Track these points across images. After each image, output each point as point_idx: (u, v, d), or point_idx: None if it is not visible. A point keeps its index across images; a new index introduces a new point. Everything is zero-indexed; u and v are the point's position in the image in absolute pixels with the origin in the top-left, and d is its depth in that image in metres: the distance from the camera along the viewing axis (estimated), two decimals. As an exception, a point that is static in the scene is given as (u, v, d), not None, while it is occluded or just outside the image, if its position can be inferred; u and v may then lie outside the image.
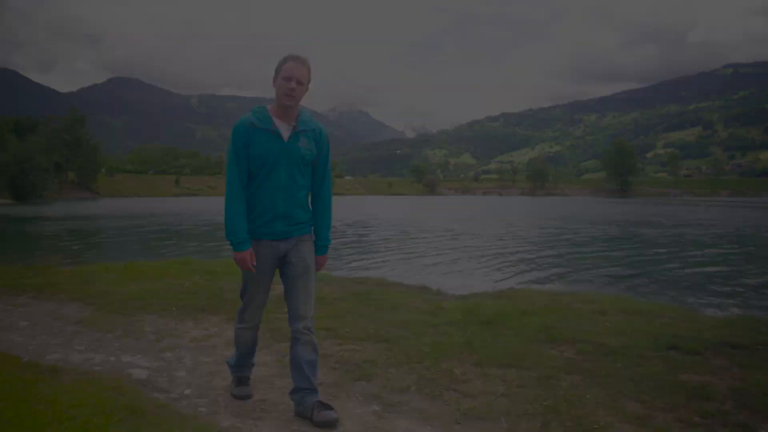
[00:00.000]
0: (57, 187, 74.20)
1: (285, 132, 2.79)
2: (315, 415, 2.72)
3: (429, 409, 2.94)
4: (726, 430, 2.73)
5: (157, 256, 11.34)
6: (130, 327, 4.52)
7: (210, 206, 47.62)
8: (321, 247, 2.99)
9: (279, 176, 2.77)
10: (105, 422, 2.46)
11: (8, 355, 3.68)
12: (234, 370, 3.15)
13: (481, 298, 5.77)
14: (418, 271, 10.80)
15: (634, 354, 3.82)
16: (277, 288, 6.36)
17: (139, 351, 3.91)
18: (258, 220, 2.80)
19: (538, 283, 9.14)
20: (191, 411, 2.82)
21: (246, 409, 2.90)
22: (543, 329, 4.41)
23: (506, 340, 4.13)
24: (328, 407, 2.76)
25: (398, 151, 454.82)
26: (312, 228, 2.97)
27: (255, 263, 2.81)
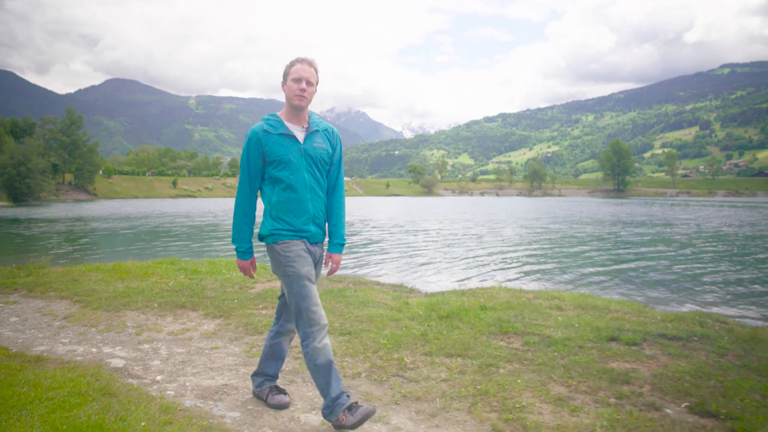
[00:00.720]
0: (54, 189, 74.55)
1: (299, 134, 2.82)
2: (269, 398, 3.06)
3: (373, 392, 3.27)
4: (635, 409, 3.06)
5: (145, 256, 11.66)
6: (113, 322, 4.85)
7: (205, 207, 47.93)
8: (337, 246, 2.92)
9: (303, 177, 2.77)
10: (80, 401, 2.79)
11: (-2, 346, 4.01)
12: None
13: (447, 295, 6.10)
14: (399, 270, 11.12)
15: (573, 345, 4.15)
16: (258, 286, 6.69)
17: (119, 343, 4.24)
18: (296, 221, 2.78)
19: (509, 281, 9.47)
20: (159, 393, 3.16)
21: (209, 392, 3.24)
22: (497, 323, 4.74)
23: (460, 332, 4.46)
24: (282, 391, 3.10)
25: (396, 152, 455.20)
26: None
27: (255, 271, 2.99)
